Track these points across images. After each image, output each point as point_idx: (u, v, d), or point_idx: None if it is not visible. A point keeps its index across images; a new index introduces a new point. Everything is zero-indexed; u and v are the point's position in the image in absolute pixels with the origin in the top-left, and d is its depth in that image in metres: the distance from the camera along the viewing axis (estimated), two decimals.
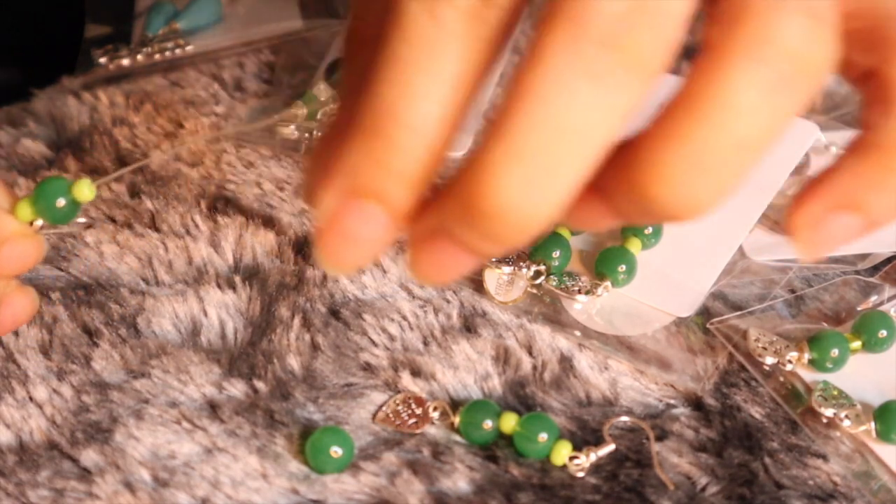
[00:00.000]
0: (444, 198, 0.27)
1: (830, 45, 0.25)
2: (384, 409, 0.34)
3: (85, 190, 0.31)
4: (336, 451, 0.31)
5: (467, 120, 0.27)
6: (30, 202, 0.31)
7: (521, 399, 0.35)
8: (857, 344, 0.36)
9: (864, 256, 0.40)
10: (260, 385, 0.34)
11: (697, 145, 0.25)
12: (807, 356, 0.35)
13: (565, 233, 0.39)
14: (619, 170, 0.26)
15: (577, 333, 0.36)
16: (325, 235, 0.27)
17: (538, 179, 0.25)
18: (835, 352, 0.35)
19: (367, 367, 0.35)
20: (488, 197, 0.25)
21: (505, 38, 0.27)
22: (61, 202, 0.31)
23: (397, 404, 0.34)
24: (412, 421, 0.34)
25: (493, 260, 0.38)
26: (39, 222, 0.32)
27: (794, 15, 0.25)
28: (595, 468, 0.33)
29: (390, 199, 0.26)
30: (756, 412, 0.34)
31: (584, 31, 0.24)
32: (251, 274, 0.39)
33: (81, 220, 0.34)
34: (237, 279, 0.38)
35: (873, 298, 0.38)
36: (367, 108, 0.26)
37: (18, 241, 0.31)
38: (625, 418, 0.34)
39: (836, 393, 0.34)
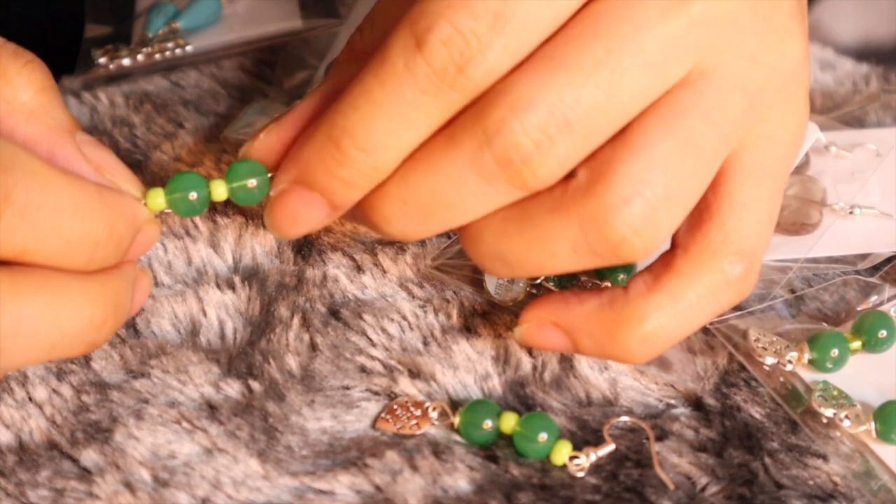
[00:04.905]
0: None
1: (747, 289, 0.32)
2: (383, 414, 0.34)
3: (220, 189, 0.32)
4: None
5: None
6: (163, 193, 0.32)
7: (521, 399, 0.35)
8: (857, 344, 0.36)
9: (864, 256, 0.40)
10: (255, 385, 0.34)
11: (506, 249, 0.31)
12: (807, 356, 0.35)
13: None
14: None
15: None
16: (273, 208, 0.32)
17: (414, 222, 0.31)
18: (835, 352, 0.35)
19: (366, 369, 0.35)
20: (375, 215, 0.31)
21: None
22: (194, 196, 0.32)
23: (395, 408, 0.34)
24: (412, 422, 0.34)
25: None
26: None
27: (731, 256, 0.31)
28: (595, 468, 0.33)
29: (333, 196, 0.31)
30: (756, 412, 0.34)
31: (489, 145, 0.29)
32: (250, 274, 0.39)
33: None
34: (236, 279, 0.38)
35: (873, 298, 0.38)
36: (332, 120, 0.30)
37: (150, 228, 0.32)
38: (625, 418, 0.34)
39: (836, 393, 0.34)
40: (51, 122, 0.31)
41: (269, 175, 0.33)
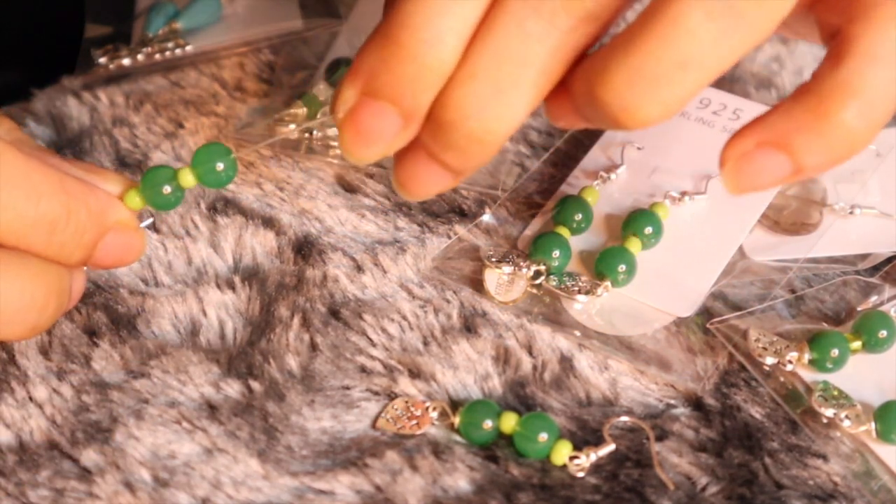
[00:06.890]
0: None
1: None
2: (383, 415, 0.34)
3: (189, 177, 0.33)
4: None
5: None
6: (137, 192, 0.33)
7: (521, 399, 0.35)
8: (857, 344, 0.36)
9: (864, 256, 0.40)
10: (255, 385, 0.34)
11: (642, 57, 0.28)
12: (807, 356, 0.35)
13: (565, 233, 0.39)
14: (581, 74, 0.29)
15: (577, 333, 0.36)
16: (344, 127, 0.30)
17: (489, 97, 0.29)
18: (835, 352, 0.35)
19: (366, 369, 0.35)
20: (448, 109, 0.29)
21: None
22: (167, 189, 0.33)
23: (396, 408, 0.34)
24: (412, 422, 0.34)
25: (493, 260, 0.38)
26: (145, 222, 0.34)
27: None
28: (595, 468, 0.33)
29: (402, 101, 0.29)
30: (756, 412, 0.34)
31: None
32: (250, 274, 0.39)
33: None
34: (236, 279, 0.38)
35: (873, 298, 0.38)
36: (389, 18, 0.29)
37: (126, 232, 0.31)
38: (625, 418, 0.34)
39: (836, 393, 0.34)
40: (30, 148, 0.31)
41: (233, 156, 0.33)
